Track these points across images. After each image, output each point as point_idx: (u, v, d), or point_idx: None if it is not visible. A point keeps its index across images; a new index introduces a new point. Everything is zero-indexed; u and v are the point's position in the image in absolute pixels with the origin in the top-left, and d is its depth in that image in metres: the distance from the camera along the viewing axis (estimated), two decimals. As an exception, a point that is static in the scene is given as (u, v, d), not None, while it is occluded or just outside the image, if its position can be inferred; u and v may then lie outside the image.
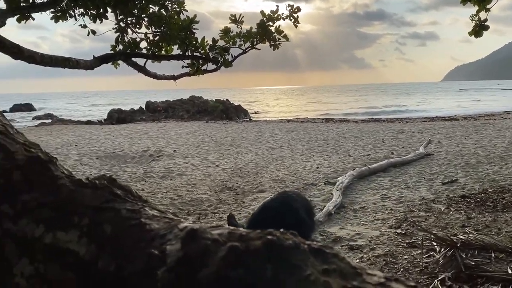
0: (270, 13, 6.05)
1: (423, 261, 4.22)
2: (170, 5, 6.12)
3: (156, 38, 6.20)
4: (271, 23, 6.08)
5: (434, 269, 4.00)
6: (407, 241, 4.92)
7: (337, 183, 7.71)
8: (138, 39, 6.24)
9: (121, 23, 6.13)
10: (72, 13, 5.69)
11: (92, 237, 0.73)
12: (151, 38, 6.24)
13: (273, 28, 6.09)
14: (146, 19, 6.11)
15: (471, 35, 7.19)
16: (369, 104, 53.20)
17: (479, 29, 6.97)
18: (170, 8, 6.13)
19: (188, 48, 6.11)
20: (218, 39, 6.21)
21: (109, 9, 5.81)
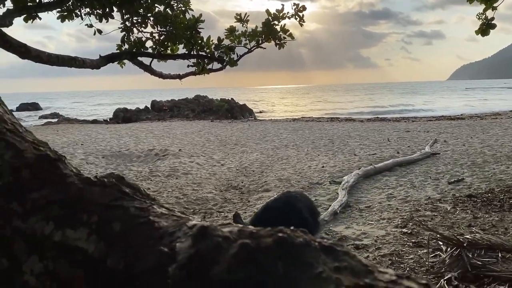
0: (276, 12, 6.04)
1: (429, 261, 4.21)
2: (176, 5, 6.14)
3: (162, 38, 6.22)
4: (277, 22, 6.08)
5: (441, 269, 3.98)
6: (413, 241, 4.90)
7: (343, 182, 7.70)
8: (144, 39, 6.26)
9: (127, 23, 6.15)
10: (78, 13, 5.72)
11: (101, 235, 0.73)
12: (157, 38, 6.26)
13: (279, 27, 6.09)
14: (152, 19, 6.13)
15: (478, 34, 7.15)
16: (375, 103, 53.04)
17: (486, 28, 6.93)
18: (176, 8, 6.15)
19: (194, 47, 6.12)
20: (224, 38, 6.22)
21: (115, 9, 5.83)
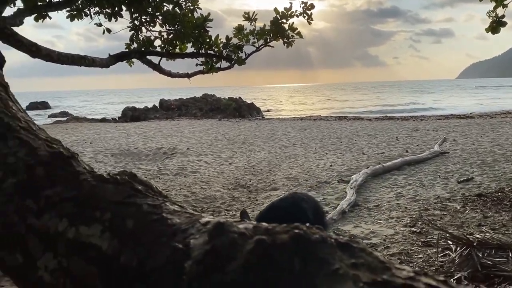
0: (284, 11, 6.03)
1: (439, 260, 4.18)
2: (184, 3, 6.15)
3: (170, 36, 6.24)
4: (285, 20, 6.07)
5: (450, 268, 3.96)
6: (422, 240, 4.88)
7: (351, 181, 7.67)
8: (152, 38, 6.28)
9: (136, 22, 6.17)
10: (88, 12, 5.76)
11: (115, 232, 0.74)
12: (165, 36, 6.28)
13: (287, 26, 6.08)
14: (160, 18, 6.15)
15: (488, 32, 7.08)
16: (384, 102, 52.76)
17: (496, 26, 6.86)
18: (184, 6, 6.16)
19: (202, 46, 6.13)
20: (232, 37, 6.22)
21: (124, 8, 5.85)
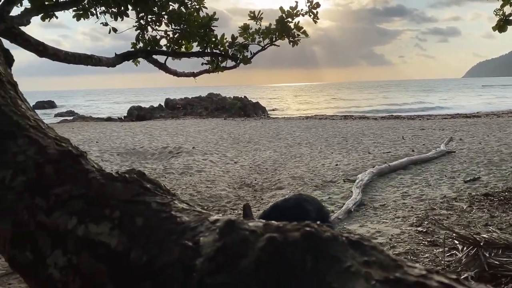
0: (289, 9, 6.03)
1: (445, 260, 4.17)
2: (190, 3, 6.16)
3: (176, 36, 6.25)
4: (290, 19, 6.06)
5: (457, 268, 3.94)
6: (428, 239, 4.86)
7: (357, 181, 7.65)
8: (158, 37, 6.30)
9: (142, 21, 6.19)
10: (94, 11, 5.78)
11: (124, 230, 0.74)
12: (171, 36, 6.29)
13: (292, 24, 6.07)
14: (166, 17, 6.16)
15: (495, 30, 7.04)
16: (390, 101, 52.57)
17: (504, 24, 6.82)
18: (190, 6, 6.17)
19: (208, 45, 6.14)
20: (237, 36, 6.23)
21: (130, 7, 5.87)
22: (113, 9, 5.73)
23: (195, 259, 0.59)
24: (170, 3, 6.03)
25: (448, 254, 4.25)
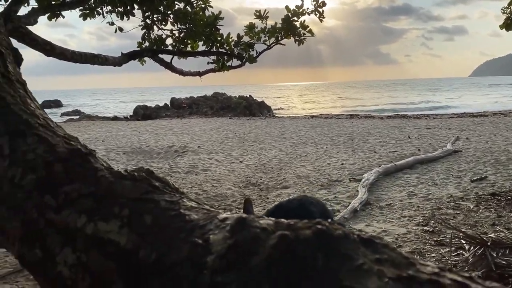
0: (295, 8, 6.02)
1: (452, 260, 4.14)
2: (195, 2, 6.17)
3: (182, 35, 6.27)
4: (296, 18, 6.06)
5: (464, 268, 3.92)
6: (435, 239, 4.83)
7: (363, 180, 7.63)
8: (164, 36, 6.31)
9: (147, 20, 6.21)
10: (100, 11, 5.81)
11: (133, 228, 0.75)
12: (177, 35, 6.31)
13: (298, 23, 6.07)
14: (172, 16, 6.17)
15: (502, 28, 7.00)
16: (396, 100, 52.36)
17: (511, 22, 6.78)
18: (195, 5, 6.18)
19: (213, 44, 6.15)
20: (243, 35, 6.23)
21: (136, 7, 5.89)
22: (119, 9, 5.76)
23: (205, 257, 0.59)
24: (176, 2, 6.05)
25: (455, 254, 4.22)
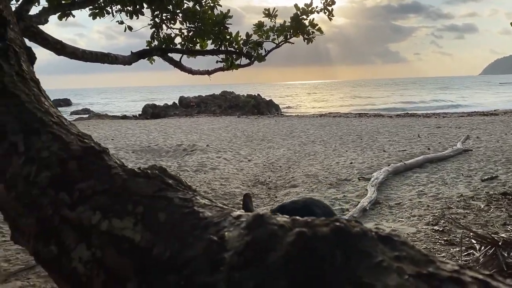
0: (304, 7, 6.01)
1: (462, 259, 4.11)
2: (204, 1, 6.18)
3: (191, 34, 6.28)
4: (305, 17, 6.04)
5: (474, 267, 3.88)
6: (445, 239, 4.80)
7: (372, 179, 7.59)
8: (173, 35, 6.33)
9: (156, 19, 6.24)
10: (109, 10, 5.85)
11: (147, 225, 0.75)
12: (186, 34, 6.33)
13: (307, 22, 6.05)
14: (181, 15, 6.19)
15: (514, 26, 6.91)
16: (406, 99, 52.02)
17: (523, 20, 6.69)
18: (204, 3, 6.19)
19: (222, 43, 6.16)
20: (252, 34, 6.23)
21: (145, 5, 5.92)
22: (129, 8, 5.79)
23: (221, 254, 0.59)
24: (185, 1, 6.06)
25: (465, 254, 4.19)
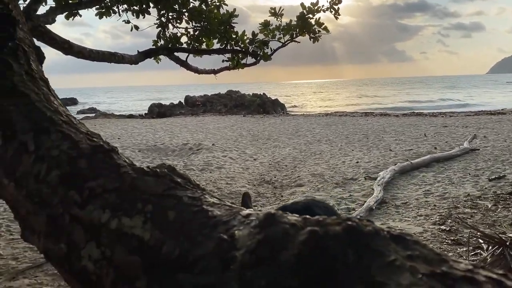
0: (310, 6, 6.00)
1: (470, 259, 4.09)
2: (210, 0, 6.19)
3: (197, 33, 6.29)
4: (311, 16, 6.03)
5: (487, 267, 3.86)
6: (452, 238, 4.77)
7: (378, 178, 7.56)
8: (179, 34, 6.35)
9: (162, 18, 6.25)
10: (116, 9, 5.87)
11: (156, 223, 0.76)
12: (192, 33, 6.34)
13: (313, 21, 6.04)
14: (187, 14, 6.20)
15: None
16: (413, 98, 51.78)
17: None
18: (210, 3, 6.20)
19: (228, 42, 6.16)
20: (258, 33, 6.23)
21: (151, 5, 5.94)
22: (135, 7, 5.81)
23: (232, 252, 0.59)
24: (191, 0, 6.07)
25: (473, 254, 4.17)
